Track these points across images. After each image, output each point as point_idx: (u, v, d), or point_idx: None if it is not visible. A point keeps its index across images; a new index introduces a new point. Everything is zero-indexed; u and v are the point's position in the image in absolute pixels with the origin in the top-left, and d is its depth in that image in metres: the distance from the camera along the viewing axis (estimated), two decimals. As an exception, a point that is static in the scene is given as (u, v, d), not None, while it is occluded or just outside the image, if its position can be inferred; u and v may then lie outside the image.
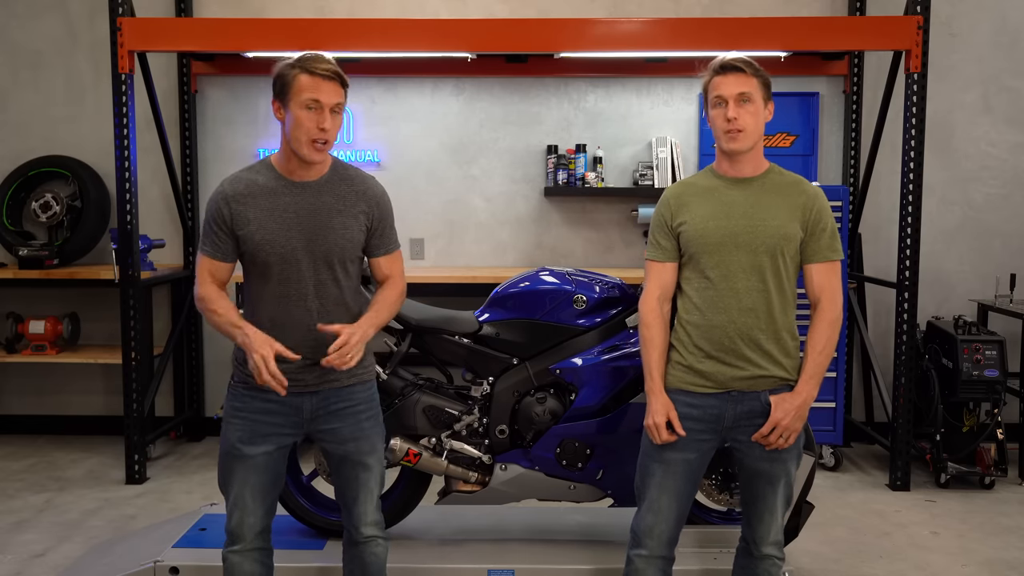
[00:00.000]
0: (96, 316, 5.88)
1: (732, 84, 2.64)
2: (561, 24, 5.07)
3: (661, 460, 2.71)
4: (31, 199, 5.66)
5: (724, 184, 2.73)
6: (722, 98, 2.65)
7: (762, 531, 2.74)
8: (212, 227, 2.64)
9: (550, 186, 5.72)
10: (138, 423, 4.97)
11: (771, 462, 2.70)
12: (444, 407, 3.44)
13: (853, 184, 5.68)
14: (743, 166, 2.72)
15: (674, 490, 2.72)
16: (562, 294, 3.43)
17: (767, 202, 2.69)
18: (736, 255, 2.66)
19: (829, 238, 2.70)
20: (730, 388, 2.68)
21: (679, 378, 2.73)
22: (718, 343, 2.67)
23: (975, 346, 4.94)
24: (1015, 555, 4.10)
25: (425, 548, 3.44)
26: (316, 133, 2.55)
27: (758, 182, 2.72)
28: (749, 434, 2.69)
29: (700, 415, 2.70)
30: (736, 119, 2.63)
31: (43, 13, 5.82)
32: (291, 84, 2.55)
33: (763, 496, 2.73)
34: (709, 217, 2.69)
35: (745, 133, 2.64)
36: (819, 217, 2.70)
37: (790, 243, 2.67)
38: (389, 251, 2.77)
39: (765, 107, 2.68)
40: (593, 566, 3.28)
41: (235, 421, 2.69)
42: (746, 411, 2.69)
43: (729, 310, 2.65)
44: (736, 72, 2.65)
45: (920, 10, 4.74)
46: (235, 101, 5.81)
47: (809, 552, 4.03)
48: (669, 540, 2.74)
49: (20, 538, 4.22)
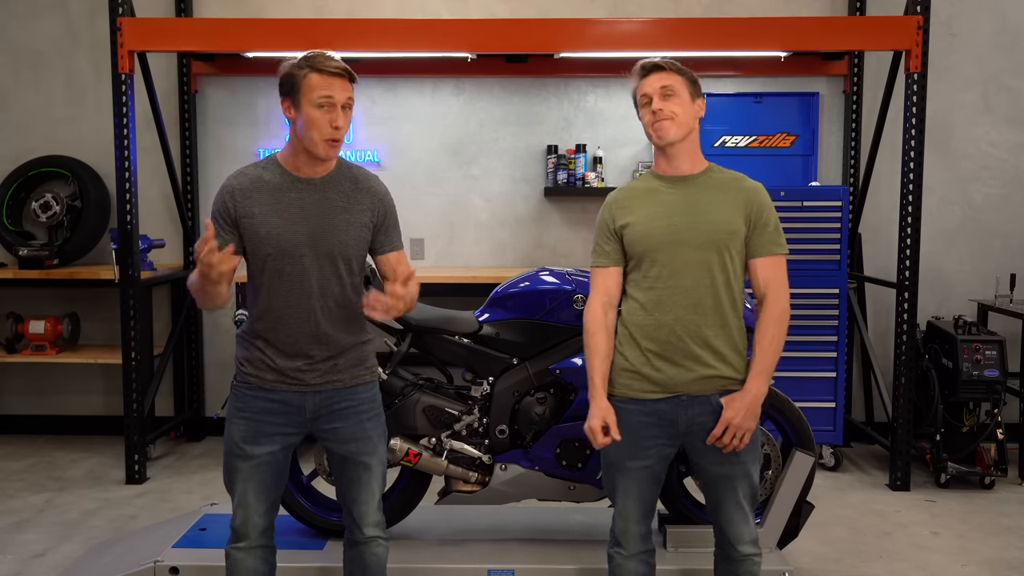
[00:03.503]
0: (96, 316, 5.88)
1: (654, 81, 2.68)
2: (561, 24, 5.07)
3: (623, 470, 2.73)
4: (31, 199, 5.66)
5: (664, 184, 2.73)
6: (647, 96, 2.68)
7: (734, 532, 2.73)
8: (216, 219, 2.65)
9: (550, 186, 5.72)
10: (138, 423, 4.97)
11: (730, 465, 2.69)
12: (444, 407, 3.44)
13: (853, 184, 5.68)
14: (680, 162, 2.71)
15: (638, 495, 2.74)
16: (562, 294, 3.43)
17: (708, 198, 2.69)
18: (682, 252, 2.65)
19: (773, 232, 2.70)
20: (679, 392, 2.67)
21: (627, 385, 2.71)
22: (665, 342, 2.65)
23: (975, 346, 4.94)
24: (1015, 555, 4.10)
25: (425, 548, 3.44)
26: (330, 132, 2.56)
27: (698, 180, 2.72)
28: (703, 439, 2.68)
29: (654, 422, 2.69)
30: (661, 109, 2.64)
31: (43, 13, 5.82)
32: (301, 83, 2.56)
33: (727, 499, 2.72)
34: (652, 217, 2.68)
35: (673, 122, 2.65)
36: (761, 211, 2.70)
37: (735, 238, 2.67)
38: (395, 248, 2.78)
39: (694, 102, 2.69)
40: (593, 566, 3.28)
41: (238, 421, 2.69)
42: (697, 415, 2.67)
43: (676, 308, 2.64)
44: (657, 71, 2.69)
45: (920, 10, 4.74)
46: (235, 101, 5.81)
47: (809, 552, 4.03)
48: (643, 536, 2.77)
49: (20, 538, 4.22)
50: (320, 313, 2.64)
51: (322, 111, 2.55)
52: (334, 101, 2.55)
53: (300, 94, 2.56)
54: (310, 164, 2.64)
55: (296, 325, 2.64)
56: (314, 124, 2.55)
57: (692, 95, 2.69)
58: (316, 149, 2.58)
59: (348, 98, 2.59)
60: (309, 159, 2.63)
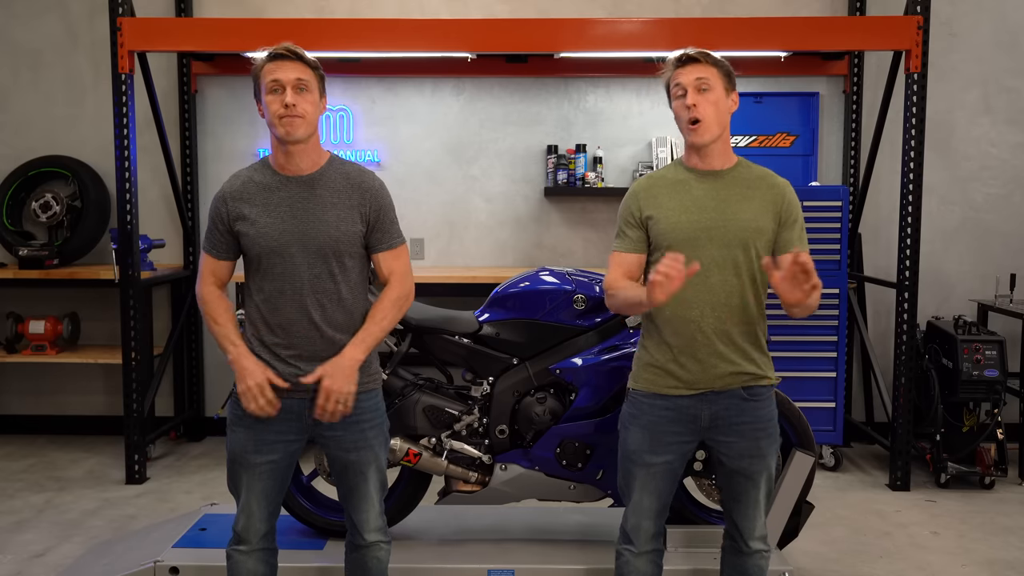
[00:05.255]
0: (96, 316, 5.88)
1: (690, 72, 2.65)
2: (561, 24, 5.07)
3: (642, 463, 2.72)
4: (31, 199, 5.66)
5: (694, 177, 2.71)
6: (681, 86, 2.65)
7: (748, 526, 2.75)
8: (213, 225, 2.70)
9: (550, 186, 5.72)
10: (138, 423, 4.97)
11: (751, 459, 2.70)
12: (444, 407, 3.44)
13: (853, 184, 5.68)
14: (712, 159, 2.70)
15: (655, 490, 2.73)
16: (562, 294, 3.43)
17: (738, 195, 2.68)
18: (709, 249, 2.64)
19: (800, 230, 2.71)
20: (703, 388, 2.67)
21: (651, 380, 2.71)
22: (690, 338, 2.64)
23: (975, 346, 4.94)
24: (1015, 555, 4.10)
25: (425, 548, 3.44)
26: (281, 110, 2.57)
27: (728, 175, 2.71)
28: (727, 433, 2.69)
29: (676, 417, 2.69)
30: (695, 106, 2.62)
31: (43, 13, 5.82)
32: (259, 76, 2.62)
33: (745, 492, 2.73)
34: (680, 211, 2.67)
35: (704, 124, 2.63)
36: (790, 209, 2.71)
37: (762, 236, 2.67)
38: (392, 246, 2.74)
39: (728, 97, 2.67)
40: (593, 566, 3.28)
41: (238, 430, 2.69)
42: (722, 409, 2.68)
43: (702, 305, 2.63)
44: (693, 63, 2.66)
45: (920, 10, 4.74)
46: (235, 101, 5.81)
47: (809, 552, 4.03)
48: (655, 535, 2.77)
49: (20, 538, 4.22)
50: (314, 311, 2.63)
51: (274, 95, 2.58)
52: (282, 82, 2.58)
53: (259, 86, 2.62)
54: (289, 158, 2.65)
55: (289, 324, 2.63)
56: (268, 107, 2.59)
57: (727, 88, 2.67)
58: (277, 131, 2.60)
59: (298, 79, 2.59)
60: (284, 153, 2.64)
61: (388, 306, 2.71)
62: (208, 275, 2.71)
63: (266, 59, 2.61)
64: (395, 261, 2.75)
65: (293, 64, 2.59)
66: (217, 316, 2.68)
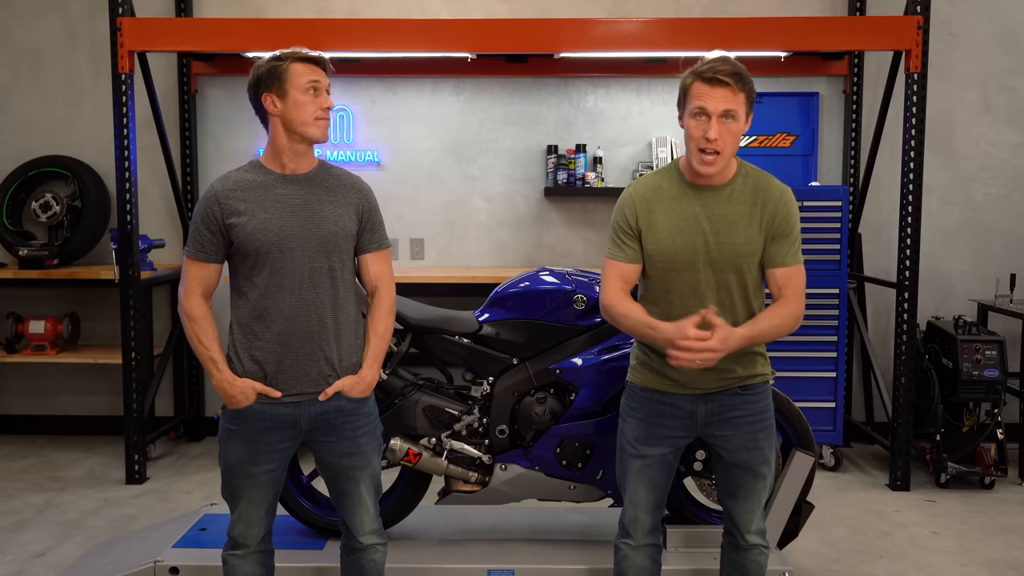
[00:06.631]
0: (96, 316, 5.88)
1: (719, 100, 2.52)
2: (561, 24, 5.07)
3: (637, 454, 2.73)
4: (31, 199, 5.66)
5: (692, 193, 2.66)
6: (704, 111, 2.54)
7: (745, 519, 2.76)
8: (200, 227, 2.65)
9: (550, 186, 5.72)
10: (138, 423, 4.97)
11: (748, 451, 2.71)
12: (444, 407, 3.44)
13: (853, 184, 5.68)
14: (712, 178, 2.65)
15: (650, 481, 2.74)
16: (562, 294, 3.43)
17: (734, 214, 2.63)
18: (704, 273, 2.63)
19: (792, 243, 2.67)
20: (697, 390, 2.69)
21: (649, 378, 2.73)
22: None
23: (975, 346, 4.94)
24: (1015, 555, 4.10)
25: (425, 548, 3.44)
26: (320, 112, 2.63)
27: (726, 191, 2.65)
28: (723, 427, 2.70)
29: (672, 412, 2.71)
30: (716, 140, 2.53)
31: (43, 13, 5.82)
32: (286, 73, 2.62)
33: (744, 485, 2.74)
34: (675, 232, 2.63)
35: (721, 156, 2.56)
36: (784, 222, 2.65)
37: (755, 257, 2.66)
38: (381, 247, 2.77)
39: (746, 120, 2.61)
40: (593, 566, 3.28)
41: (232, 441, 2.68)
42: (718, 407, 2.69)
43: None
44: (724, 87, 2.53)
45: (920, 10, 4.74)
46: (235, 101, 5.81)
47: (809, 552, 4.03)
48: (652, 529, 2.78)
49: (20, 538, 4.22)
50: (311, 305, 2.62)
51: (310, 95, 2.62)
52: (320, 85, 2.64)
53: (286, 83, 2.62)
54: (295, 158, 2.66)
55: (286, 317, 2.61)
56: (304, 106, 2.61)
57: (748, 113, 2.60)
58: (308, 129, 2.62)
59: (328, 85, 2.68)
60: (295, 151, 2.65)
61: (386, 316, 2.75)
62: (195, 284, 2.66)
63: (300, 59, 2.63)
64: (383, 265, 2.77)
65: (323, 73, 2.66)
66: (203, 336, 2.64)
